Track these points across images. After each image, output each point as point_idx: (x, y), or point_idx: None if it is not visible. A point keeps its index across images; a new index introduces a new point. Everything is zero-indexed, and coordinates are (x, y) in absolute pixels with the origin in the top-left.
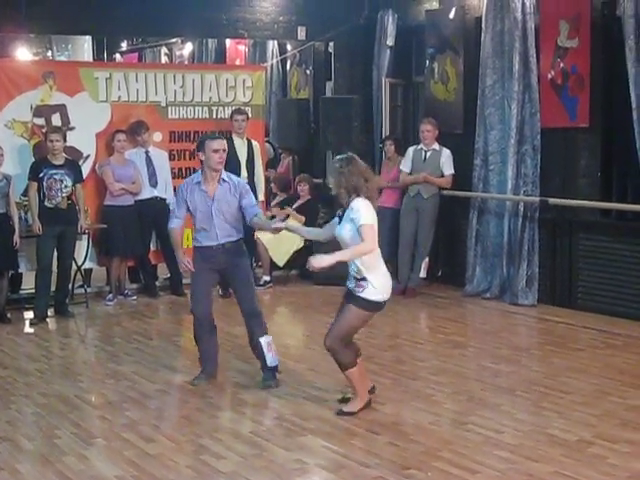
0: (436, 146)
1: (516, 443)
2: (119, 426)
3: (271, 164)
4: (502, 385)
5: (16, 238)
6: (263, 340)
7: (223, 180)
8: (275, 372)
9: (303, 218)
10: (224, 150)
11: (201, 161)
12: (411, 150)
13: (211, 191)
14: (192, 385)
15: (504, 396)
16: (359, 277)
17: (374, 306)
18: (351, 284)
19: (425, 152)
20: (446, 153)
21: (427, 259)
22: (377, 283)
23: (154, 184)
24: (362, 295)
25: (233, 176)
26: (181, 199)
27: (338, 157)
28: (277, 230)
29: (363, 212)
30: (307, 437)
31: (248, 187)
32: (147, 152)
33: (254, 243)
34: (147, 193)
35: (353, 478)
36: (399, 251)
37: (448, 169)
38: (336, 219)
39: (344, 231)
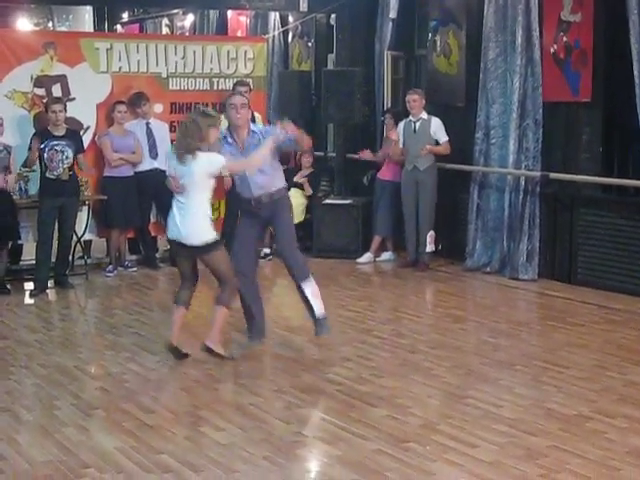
0: (424, 115)
1: (515, 417)
2: (118, 397)
3: None
4: (501, 359)
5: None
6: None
7: (253, 132)
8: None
9: (311, 191)
10: (242, 104)
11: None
12: (401, 124)
13: (241, 143)
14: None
15: (503, 370)
16: None
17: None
18: None
19: (414, 123)
20: (436, 121)
21: (432, 232)
22: None
23: (154, 156)
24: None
25: (261, 126)
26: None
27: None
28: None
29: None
30: (306, 409)
31: (276, 130)
32: (148, 123)
33: None
34: (147, 165)
35: (351, 450)
36: (405, 225)
37: (442, 136)
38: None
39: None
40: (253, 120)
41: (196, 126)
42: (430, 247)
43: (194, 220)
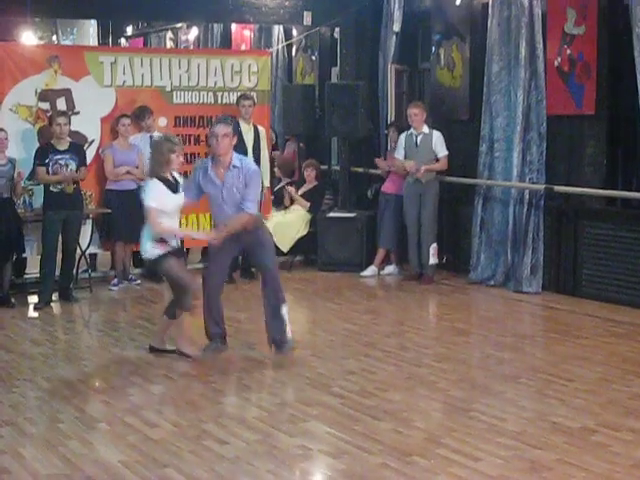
0: (426, 129)
1: (519, 430)
2: (122, 411)
3: (271, 151)
4: (506, 372)
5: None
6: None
7: (233, 166)
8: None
9: (308, 204)
10: (224, 135)
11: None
12: (403, 137)
13: (220, 176)
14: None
15: (507, 383)
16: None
17: None
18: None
19: (416, 137)
20: (436, 135)
21: (435, 244)
22: None
23: None
24: None
25: (247, 162)
26: (192, 181)
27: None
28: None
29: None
30: (310, 423)
31: (256, 177)
32: (151, 137)
33: None
34: None
35: (356, 464)
36: (408, 238)
37: (442, 151)
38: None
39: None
40: (257, 132)
41: (158, 151)
42: (433, 259)
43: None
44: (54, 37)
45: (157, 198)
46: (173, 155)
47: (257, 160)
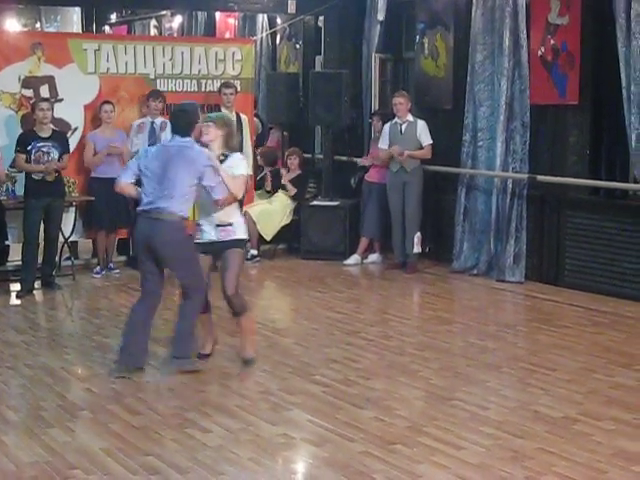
0: (410, 118)
1: (501, 419)
2: (105, 398)
3: (260, 140)
4: (488, 361)
5: None
6: None
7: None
8: None
9: (295, 190)
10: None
11: None
12: (387, 126)
13: None
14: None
15: (490, 372)
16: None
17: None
18: (216, 233)
19: (400, 125)
20: (421, 124)
21: (419, 233)
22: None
23: None
24: (238, 237)
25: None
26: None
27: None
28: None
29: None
30: (293, 411)
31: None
32: (153, 122)
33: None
34: None
35: (338, 452)
36: (392, 227)
37: (426, 139)
38: None
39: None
40: (239, 120)
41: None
42: (417, 248)
43: None
44: (37, 24)
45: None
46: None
47: (240, 148)
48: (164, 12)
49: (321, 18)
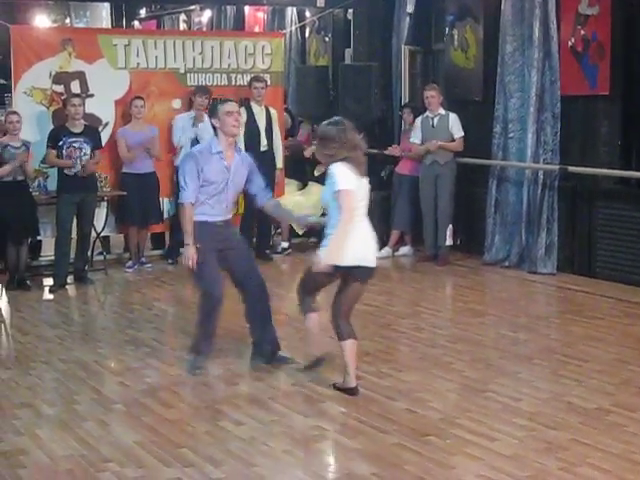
0: (442, 111)
1: (534, 411)
2: (138, 392)
3: (289, 134)
4: (520, 353)
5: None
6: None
7: (239, 149)
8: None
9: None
10: (239, 113)
11: (215, 128)
12: (419, 120)
13: (229, 161)
14: (194, 374)
15: (522, 364)
16: None
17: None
18: None
19: (432, 119)
20: (453, 117)
21: (451, 226)
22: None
23: None
24: None
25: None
26: (195, 169)
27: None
28: (306, 226)
29: (340, 178)
30: (325, 403)
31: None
32: (194, 117)
33: None
34: None
35: (371, 444)
36: (424, 219)
37: (458, 132)
38: None
39: (326, 196)
40: (269, 114)
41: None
42: (449, 241)
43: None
44: (67, 20)
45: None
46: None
47: (269, 142)
48: (193, 7)
49: (350, 11)
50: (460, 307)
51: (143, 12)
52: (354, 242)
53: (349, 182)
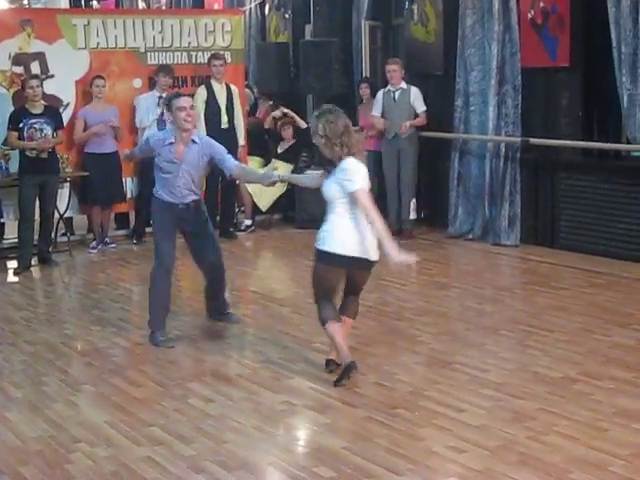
0: (404, 85)
1: (501, 381)
2: (106, 372)
3: (251, 110)
4: (486, 324)
5: None
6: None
7: (193, 142)
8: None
9: (291, 166)
10: (192, 107)
11: (169, 122)
12: (380, 93)
13: (180, 153)
14: (168, 347)
15: (488, 335)
16: None
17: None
18: None
19: (394, 92)
20: (414, 90)
21: (414, 200)
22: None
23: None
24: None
25: (202, 136)
26: (146, 149)
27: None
28: (272, 184)
29: (357, 177)
30: (294, 379)
31: (213, 142)
32: (160, 97)
33: (236, 187)
34: None
35: (341, 418)
36: (387, 194)
37: (421, 106)
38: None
39: (332, 191)
40: (230, 91)
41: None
42: (413, 215)
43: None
44: (25, 1)
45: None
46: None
47: (231, 119)
48: None
49: None
50: (425, 280)
51: None
52: (355, 234)
53: (366, 179)
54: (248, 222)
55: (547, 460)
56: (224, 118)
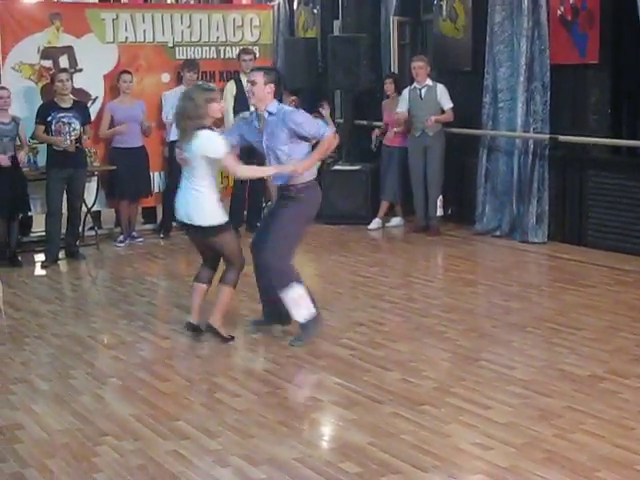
0: (429, 82)
1: (528, 379)
2: (133, 365)
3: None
4: (513, 322)
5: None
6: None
7: (270, 114)
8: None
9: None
10: (252, 82)
11: None
12: (406, 91)
13: (261, 124)
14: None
15: (515, 333)
16: None
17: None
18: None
19: (420, 90)
20: (440, 87)
21: (441, 196)
22: None
23: None
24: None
25: (284, 108)
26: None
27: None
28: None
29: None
30: (320, 375)
31: (299, 113)
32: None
33: (264, 182)
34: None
35: (366, 414)
36: (413, 190)
37: (447, 103)
38: None
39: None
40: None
41: (193, 104)
42: (440, 211)
43: (198, 200)
44: None
45: (224, 143)
46: (214, 104)
47: None
48: None
49: None
50: (452, 277)
51: None
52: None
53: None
54: None
55: (573, 458)
56: None
